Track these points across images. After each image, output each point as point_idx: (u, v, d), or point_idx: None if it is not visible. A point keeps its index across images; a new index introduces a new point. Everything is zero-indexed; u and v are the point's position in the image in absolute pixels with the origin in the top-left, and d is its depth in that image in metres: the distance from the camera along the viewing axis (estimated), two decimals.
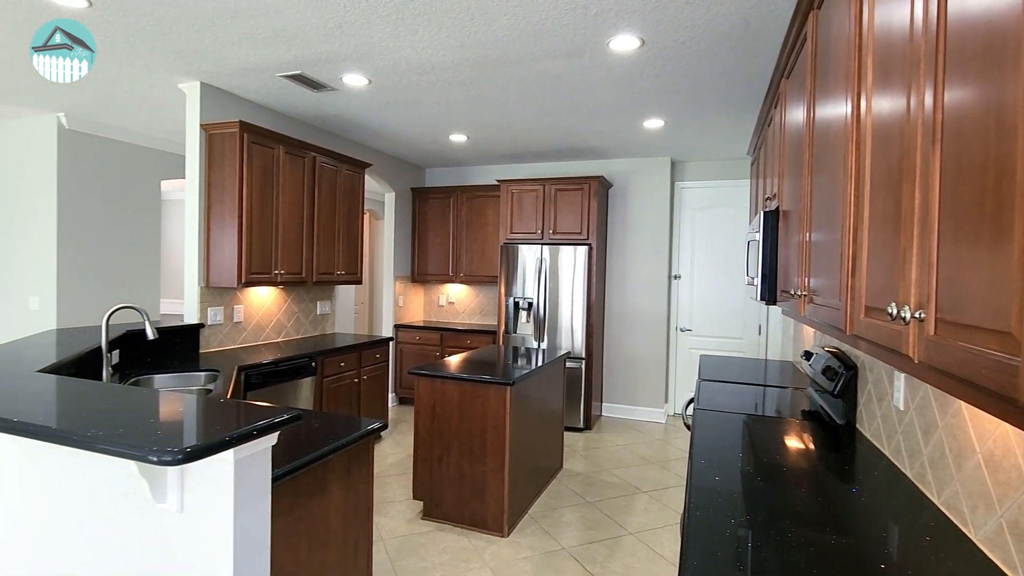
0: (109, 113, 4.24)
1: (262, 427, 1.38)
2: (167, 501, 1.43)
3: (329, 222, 4.13)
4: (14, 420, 1.36)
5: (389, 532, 2.90)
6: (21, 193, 4.47)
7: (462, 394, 2.96)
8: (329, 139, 4.53)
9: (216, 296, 3.55)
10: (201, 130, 3.44)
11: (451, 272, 5.70)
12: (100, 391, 1.70)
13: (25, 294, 4.47)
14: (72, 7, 2.51)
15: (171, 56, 3.05)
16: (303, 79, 3.35)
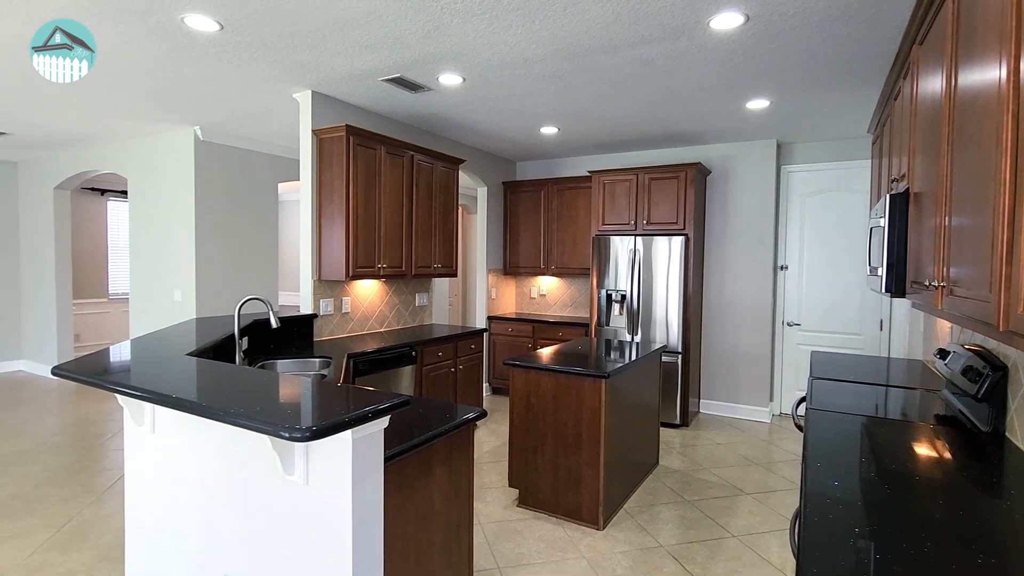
0: (235, 124, 4.70)
1: (376, 411, 1.48)
2: (295, 473, 1.57)
3: (426, 217, 4.31)
4: (173, 396, 1.57)
5: (486, 517, 2.99)
6: (166, 199, 5.10)
7: (556, 386, 2.98)
8: (425, 137, 4.72)
9: (327, 288, 3.83)
10: (312, 135, 3.72)
11: (542, 265, 5.73)
12: (238, 373, 1.90)
13: (170, 287, 5.10)
14: (206, 31, 2.81)
15: (287, 69, 3.32)
16: (402, 81, 3.50)
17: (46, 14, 2.61)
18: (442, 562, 1.93)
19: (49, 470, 3.62)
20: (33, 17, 2.66)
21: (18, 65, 3.30)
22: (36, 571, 2.45)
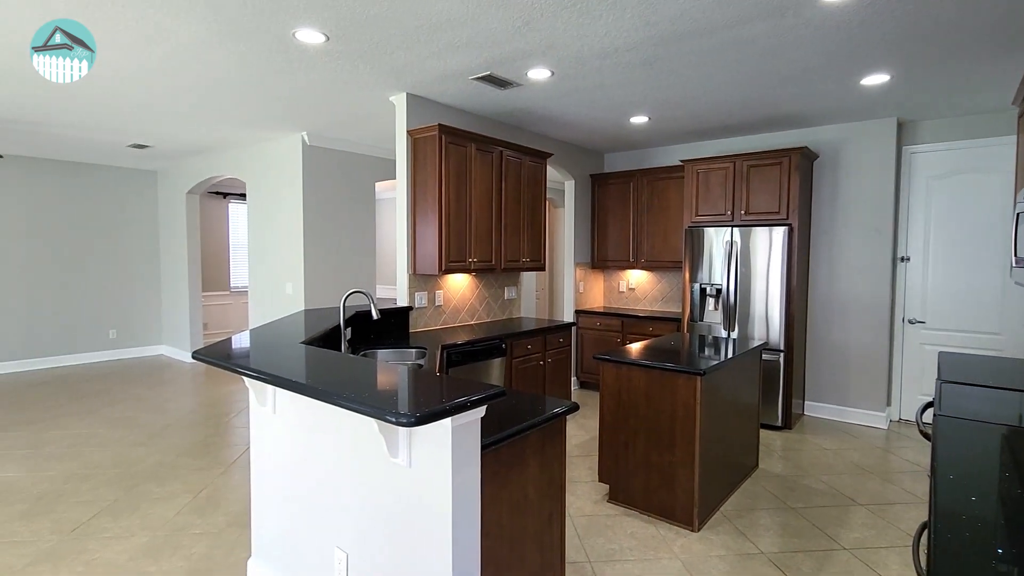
0: (337, 128, 5.02)
1: (474, 400, 1.53)
2: (399, 456, 1.67)
3: (514, 212, 4.37)
4: (293, 380, 1.72)
5: (576, 511, 3.00)
6: (279, 200, 5.56)
7: (649, 382, 2.91)
8: (512, 133, 4.77)
9: (421, 282, 4.00)
10: (407, 136, 3.89)
11: (632, 258, 5.61)
12: (347, 361, 2.04)
13: (282, 281, 5.57)
14: (314, 43, 3.03)
15: (385, 74, 3.49)
16: (492, 79, 3.56)
17: (186, 39, 2.94)
18: (535, 551, 1.96)
19: (186, 442, 4.11)
20: (175, 46, 3.00)
21: (159, 87, 3.74)
22: (180, 529, 2.80)
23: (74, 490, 3.26)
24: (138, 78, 3.59)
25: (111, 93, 3.93)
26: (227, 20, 2.72)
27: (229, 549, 2.61)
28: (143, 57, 3.20)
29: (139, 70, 3.43)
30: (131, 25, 2.75)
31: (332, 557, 1.94)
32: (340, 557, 1.90)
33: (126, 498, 3.16)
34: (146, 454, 3.85)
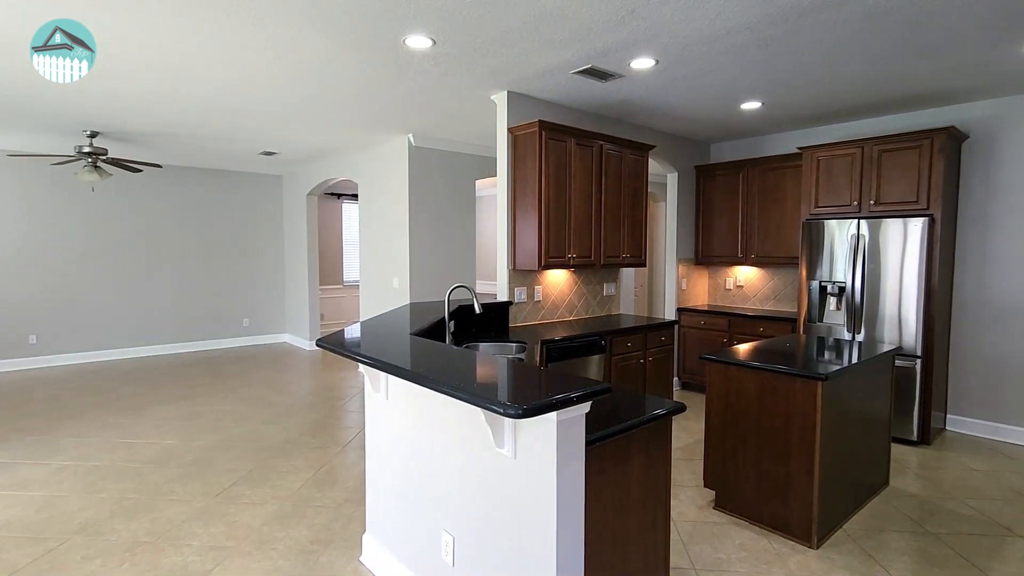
0: (440, 129, 5.21)
1: (580, 395, 1.53)
2: (504, 447, 1.70)
3: (614, 206, 4.28)
4: (406, 369, 1.81)
5: (680, 515, 2.89)
6: (387, 199, 5.89)
7: (761, 385, 2.73)
8: (613, 126, 4.67)
9: (521, 278, 4.05)
10: (508, 133, 3.95)
11: (740, 253, 5.29)
12: (455, 352, 2.12)
13: (390, 275, 5.90)
14: (422, 48, 3.16)
15: (487, 73, 3.57)
16: (593, 71, 3.51)
17: (310, 53, 3.20)
18: (638, 552, 1.92)
19: (307, 422, 4.49)
20: (301, 60, 3.28)
21: (287, 99, 4.11)
22: (304, 501, 3.07)
23: (218, 459, 3.69)
24: (269, 91, 3.96)
25: (246, 106, 4.37)
26: (346, 32, 2.92)
27: (346, 522, 2.83)
28: (274, 71, 3.53)
29: (270, 84, 3.79)
30: (265, 43, 3.05)
31: (439, 539, 2.03)
32: (447, 540, 1.98)
33: (259, 470, 3.52)
34: (275, 431, 4.27)
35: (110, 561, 2.49)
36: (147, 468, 3.54)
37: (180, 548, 2.60)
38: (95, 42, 3.00)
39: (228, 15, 2.70)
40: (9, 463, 3.62)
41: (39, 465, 3.59)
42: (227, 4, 2.58)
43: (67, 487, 3.26)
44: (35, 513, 2.94)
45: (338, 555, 2.54)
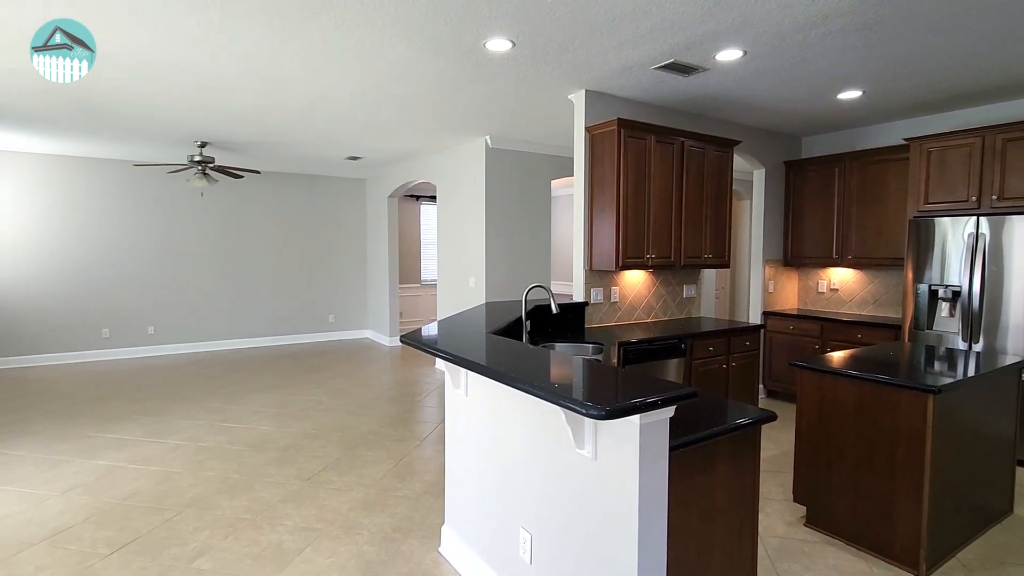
0: (516, 130, 5.26)
1: (664, 399, 1.48)
2: (585, 448, 1.69)
3: (696, 205, 4.13)
4: (488, 367, 1.84)
5: (766, 530, 2.74)
6: (464, 200, 6.03)
7: (861, 396, 2.53)
8: (694, 121, 4.51)
9: (597, 278, 4.01)
10: (585, 132, 3.92)
11: (834, 254, 4.93)
12: (534, 351, 2.13)
13: (466, 275, 6.03)
14: (501, 51, 3.20)
15: (565, 72, 3.55)
16: (676, 66, 3.41)
17: (394, 59, 3.34)
18: (723, 563, 1.84)
19: (388, 415, 4.69)
20: (385, 67, 3.42)
21: (372, 105, 4.30)
22: (386, 490, 3.21)
23: (308, 446, 3.94)
24: (355, 99, 4.17)
25: (334, 114, 4.63)
26: (428, 39, 3.01)
27: (425, 514, 2.92)
28: (360, 80, 3.71)
29: (356, 92, 3.99)
30: (352, 53, 3.21)
31: (517, 536, 2.05)
32: (525, 537, 2.00)
33: (345, 458, 3.71)
34: (358, 422, 4.49)
35: (216, 534, 2.73)
36: (246, 451, 3.84)
37: (276, 527, 2.79)
38: (209, 58, 3.30)
39: (320, 29, 2.87)
40: (133, 440, 4.05)
41: (156, 443, 3.99)
42: (318, 17, 2.74)
43: (180, 464, 3.60)
44: (154, 486, 3.27)
45: (418, 544, 2.63)
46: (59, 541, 2.65)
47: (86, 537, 2.69)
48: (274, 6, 2.61)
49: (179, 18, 2.73)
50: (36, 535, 2.71)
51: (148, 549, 2.59)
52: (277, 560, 2.50)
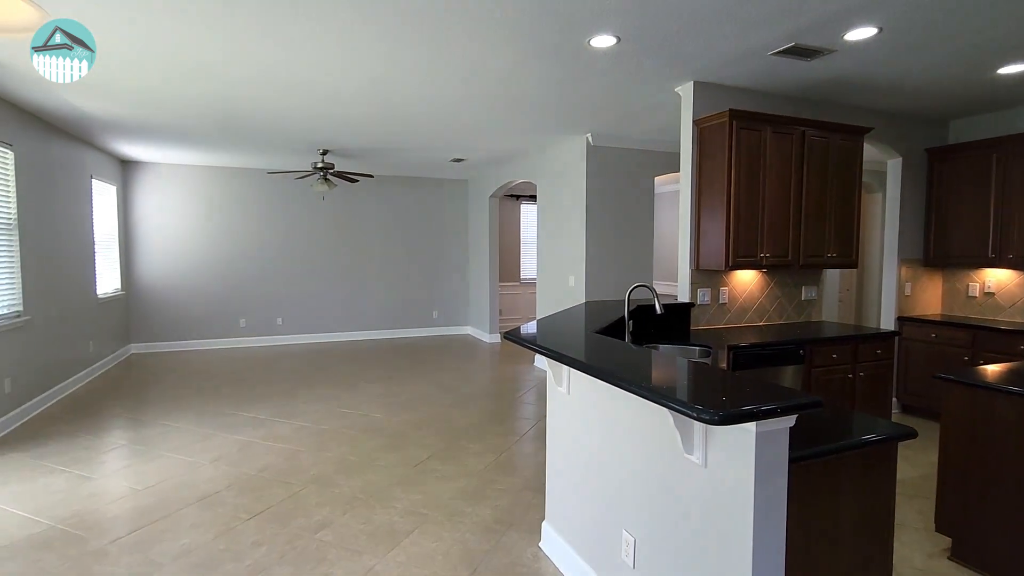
0: (618, 126, 5.16)
1: (785, 407, 1.39)
2: (694, 454, 1.62)
3: (818, 199, 3.80)
4: (593, 365, 1.83)
5: (902, 560, 2.45)
6: (564, 199, 6.02)
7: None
8: (816, 109, 4.14)
9: (704, 278, 3.82)
10: (693, 126, 3.75)
11: (990, 253, 4.29)
12: (640, 352, 2.09)
13: (566, 274, 6.02)
14: (605, 47, 3.16)
15: (672, 64, 3.43)
16: (797, 50, 3.16)
17: (498, 64, 3.41)
18: None
19: (489, 410, 4.82)
20: (490, 71, 3.51)
21: (476, 109, 4.43)
22: (487, 483, 3.30)
23: (414, 435, 4.15)
24: (462, 105, 4.32)
25: (441, 119, 4.83)
26: (531, 41, 3.05)
27: (525, 508, 2.97)
28: (467, 86, 3.84)
29: (463, 97, 4.13)
30: (460, 58, 3.33)
31: (620, 538, 2.02)
32: (628, 540, 1.96)
33: (448, 448, 3.87)
34: (460, 415, 4.66)
35: (336, 510, 2.96)
36: (360, 436, 4.13)
37: (387, 508, 2.98)
38: (325, 74, 3.59)
39: (431, 42, 3.01)
40: (265, 420, 4.51)
41: (285, 423, 4.41)
42: (430, 32, 2.88)
43: (304, 444, 3.95)
44: (283, 462, 3.63)
45: (519, 537, 2.67)
46: (208, 504, 3.03)
47: (228, 502, 3.04)
48: (389, 26, 2.78)
49: (304, 39, 3.00)
50: (191, 496, 3.11)
51: (278, 517, 2.88)
52: (389, 539, 2.66)
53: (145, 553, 2.54)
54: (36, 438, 4.05)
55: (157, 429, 4.27)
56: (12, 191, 4.38)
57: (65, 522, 2.82)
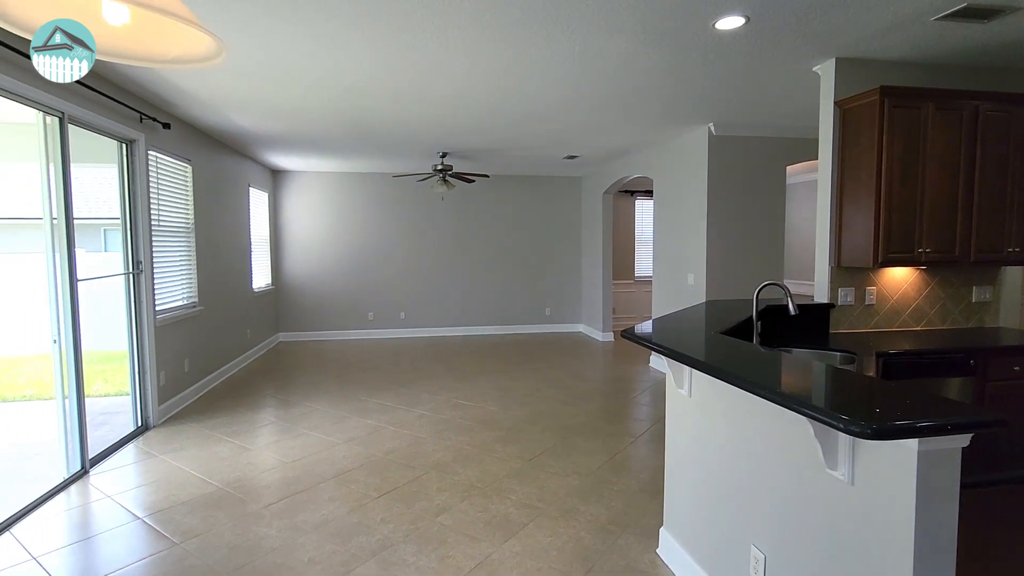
0: (744, 114, 4.81)
1: (958, 424, 1.20)
2: (838, 470, 1.47)
3: (995, 185, 3.25)
4: (716, 366, 1.73)
5: None
6: (683, 193, 5.75)
7: None
8: (990, 79, 3.54)
9: (847, 276, 3.44)
10: (835, 107, 3.38)
11: None
12: (772, 355, 1.93)
13: (685, 272, 5.75)
14: (732, 28, 2.95)
15: (809, 42, 3.12)
16: (969, 11, 2.72)
17: (614, 55, 3.34)
18: None
19: (602, 409, 4.75)
20: (604, 64, 3.45)
21: (589, 105, 4.38)
22: (601, 482, 3.26)
23: (528, 429, 4.22)
24: (574, 100, 4.29)
25: (555, 116, 4.84)
26: (650, 28, 2.93)
27: (641, 512, 2.88)
28: (579, 80, 3.80)
29: (575, 93, 4.09)
30: (574, 54, 3.30)
31: (748, 554, 1.88)
32: (757, 556, 1.83)
33: (561, 445, 3.88)
34: (573, 412, 4.65)
35: (455, 496, 3.10)
36: (476, 426, 4.28)
37: (503, 499, 3.06)
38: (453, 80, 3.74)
39: (543, 36, 3.02)
40: (390, 407, 4.85)
41: (408, 411, 4.71)
42: (543, 25, 2.89)
43: (425, 432, 4.19)
44: (407, 447, 3.87)
45: (635, 541, 2.61)
46: (343, 480, 3.32)
47: (360, 480, 3.31)
48: (501, 24, 2.84)
49: (431, 51, 3.16)
50: (328, 472, 3.43)
51: (403, 499, 3.07)
52: (505, 529, 2.73)
53: (291, 519, 2.84)
54: (206, 411, 4.72)
55: (300, 409, 4.77)
56: (191, 200, 5.13)
57: (230, 485, 3.25)
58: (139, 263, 4.19)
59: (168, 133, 4.65)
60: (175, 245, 4.83)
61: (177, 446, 3.89)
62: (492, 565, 2.42)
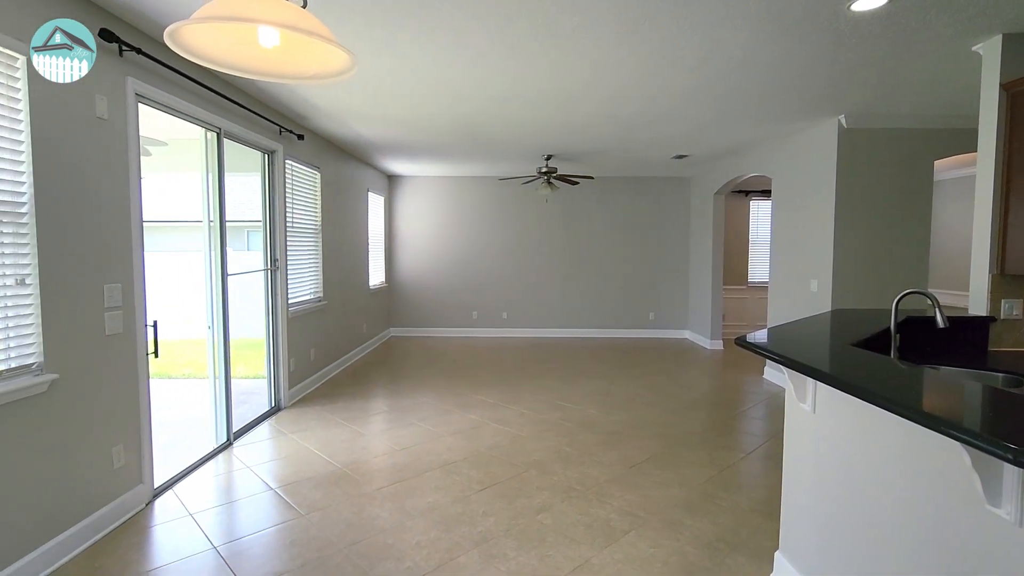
0: (883, 103, 4.33)
1: None
2: (1002, 507, 1.28)
3: None
4: (850, 382, 1.57)
5: None
6: (807, 192, 5.30)
7: None
8: None
9: (1012, 286, 2.98)
10: (1000, 91, 2.94)
11: None
12: (919, 371, 1.73)
13: (807, 278, 5.30)
14: (872, 9, 2.67)
15: (966, 19, 2.74)
16: None
17: (734, 47, 3.16)
18: None
19: (710, 420, 4.52)
20: (722, 58, 3.27)
21: (700, 102, 4.17)
22: (708, 497, 3.10)
23: (631, 435, 4.12)
24: (687, 97, 4.12)
25: (665, 115, 4.67)
26: (775, 15, 2.74)
27: (752, 532, 2.70)
28: (694, 76, 3.63)
29: (689, 89, 3.93)
30: (691, 50, 3.17)
31: None
32: None
33: (666, 454, 3.75)
34: (678, 421, 4.46)
35: (556, 496, 3.11)
36: (576, 429, 4.26)
37: (603, 504, 3.01)
38: (549, 81, 3.76)
39: (658, 34, 2.92)
40: (493, 403, 4.97)
41: (509, 409, 4.80)
42: (660, 21, 2.80)
43: (525, 430, 4.24)
44: (508, 443, 3.95)
45: (746, 562, 2.45)
46: (447, 471, 3.46)
47: (463, 472, 3.43)
48: (618, 26, 2.79)
49: (539, 55, 3.19)
50: (433, 463, 3.60)
51: (505, 494, 3.14)
52: (606, 534, 2.69)
53: (400, 503, 3.02)
54: (328, 397, 5.14)
55: (409, 400, 5.05)
56: (319, 204, 5.63)
57: (348, 467, 3.51)
58: (276, 260, 4.68)
59: (302, 143, 5.15)
60: (305, 245, 5.32)
61: (304, 427, 4.28)
62: (592, 570, 2.40)
